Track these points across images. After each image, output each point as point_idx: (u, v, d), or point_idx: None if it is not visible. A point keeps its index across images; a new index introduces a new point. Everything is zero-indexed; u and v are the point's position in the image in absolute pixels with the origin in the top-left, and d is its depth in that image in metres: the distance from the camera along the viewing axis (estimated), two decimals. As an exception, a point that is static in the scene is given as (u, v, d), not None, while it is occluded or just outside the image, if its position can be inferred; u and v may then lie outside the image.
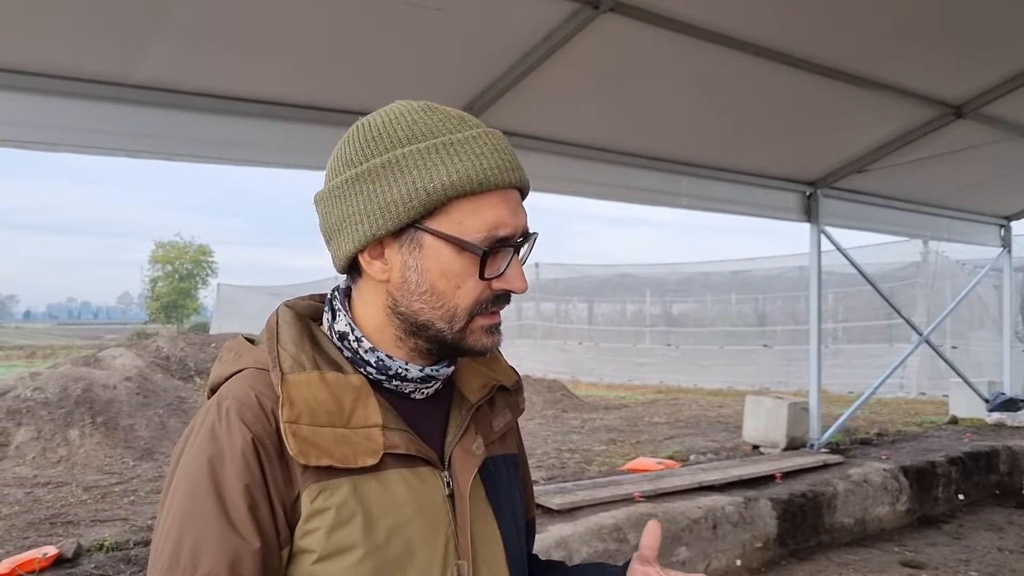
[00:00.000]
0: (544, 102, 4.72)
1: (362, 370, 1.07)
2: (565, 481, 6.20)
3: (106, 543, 5.00)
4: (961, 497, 7.35)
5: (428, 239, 1.01)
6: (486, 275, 1.02)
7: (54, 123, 3.68)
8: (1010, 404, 9.62)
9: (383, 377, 1.08)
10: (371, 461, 1.00)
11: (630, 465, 7.08)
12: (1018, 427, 9.35)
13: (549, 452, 8.43)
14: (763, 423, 7.83)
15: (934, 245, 14.90)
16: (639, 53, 4.50)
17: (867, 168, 6.85)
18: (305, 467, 0.97)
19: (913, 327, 9.37)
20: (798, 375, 14.55)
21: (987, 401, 9.78)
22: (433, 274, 1.02)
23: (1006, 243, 9.58)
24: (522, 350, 21.54)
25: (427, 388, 1.11)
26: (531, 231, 1.07)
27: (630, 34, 4.23)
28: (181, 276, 44.84)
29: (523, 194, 1.07)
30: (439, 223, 1.00)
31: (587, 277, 23.72)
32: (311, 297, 1.19)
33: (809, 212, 7.30)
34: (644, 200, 6.26)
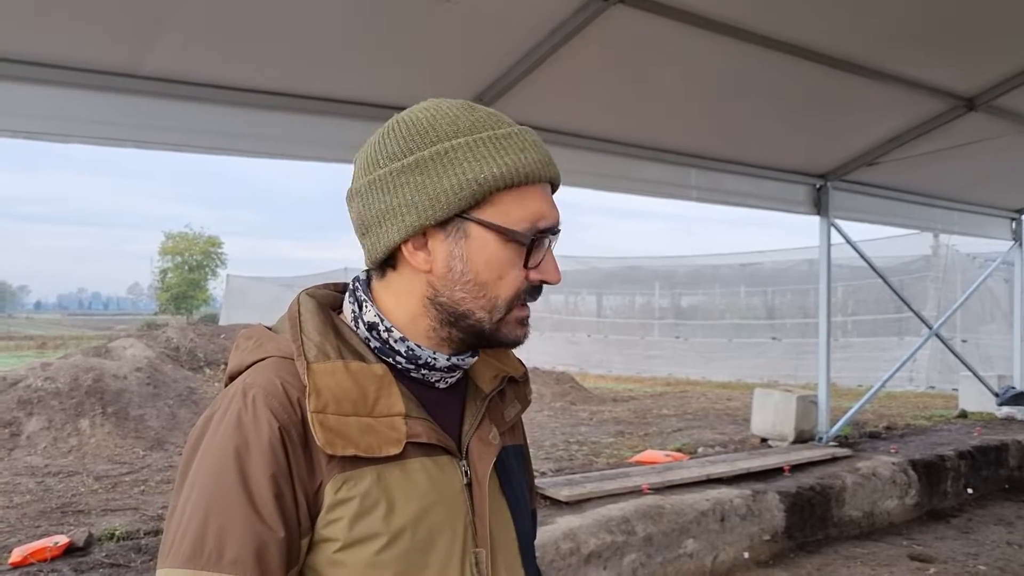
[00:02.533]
0: (553, 94, 4.71)
1: (389, 359, 1.09)
2: (573, 473, 6.21)
3: (117, 532, 5.03)
4: (970, 491, 7.33)
5: (475, 229, 1.04)
6: (529, 264, 1.06)
7: (65, 114, 3.70)
8: (1020, 398, 9.58)
9: (412, 366, 1.10)
10: (395, 450, 1.01)
11: (638, 457, 7.08)
12: (1028, 421, 9.31)
13: (557, 444, 8.44)
14: (771, 416, 7.82)
15: (945, 238, 14.85)
16: (648, 45, 4.49)
17: (878, 161, 6.82)
18: (330, 457, 0.99)
19: (923, 320, 9.33)
20: (807, 368, 14.53)
21: (997, 395, 9.74)
22: (478, 264, 1.04)
23: (1017, 236, 9.53)
24: (530, 342, 21.22)
25: (451, 377, 1.14)
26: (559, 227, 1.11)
27: (639, 26, 4.22)
28: (191, 267, 44.97)
29: (554, 189, 1.11)
30: (485, 214, 1.03)
31: (596, 269, 23.71)
32: (329, 286, 1.21)
33: (819, 205, 7.27)
34: (653, 192, 6.25)
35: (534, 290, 1.09)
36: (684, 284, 21.82)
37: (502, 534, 1.13)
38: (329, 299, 1.17)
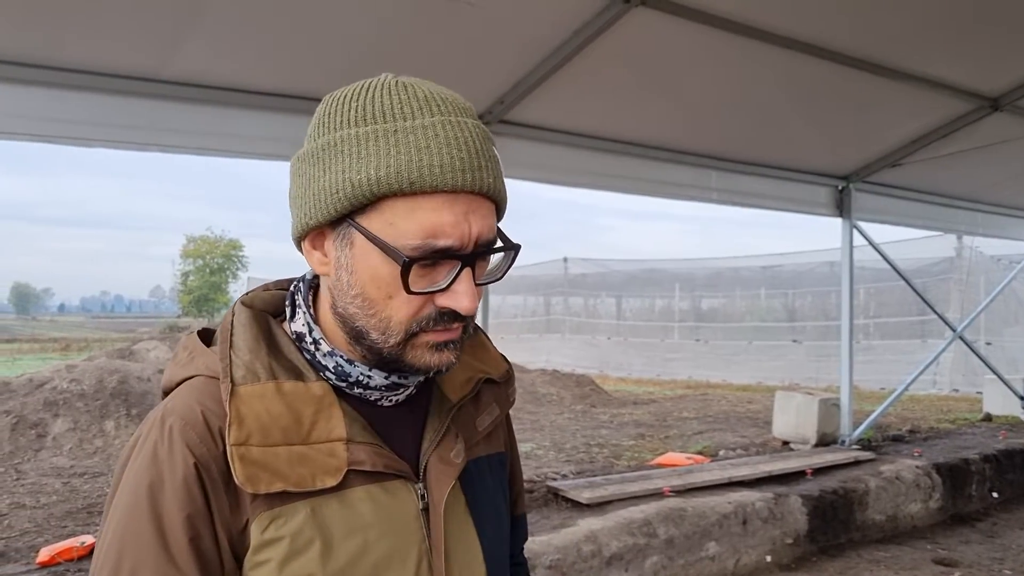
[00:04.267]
0: (575, 96, 4.71)
1: (322, 375, 0.97)
2: (594, 475, 6.20)
3: (141, 532, 5.08)
4: (995, 495, 7.25)
5: (359, 237, 0.89)
6: (414, 288, 0.88)
7: (89, 119, 3.74)
8: (1046, 401, 9.49)
9: (343, 384, 0.97)
10: (332, 482, 0.90)
11: (659, 460, 7.07)
12: (1054, 425, 9.22)
13: (578, 447, 8.43)
14: (793, 419, 7.78)
15: (968, 240, 14.73)
16: (670, 47, 4.49)
17: (901, 162, 6.77)
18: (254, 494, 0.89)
19: (947, 323, 9.25)
20: (828, 371, 14.44)
21: (1022, 398, 9.64)
22: (363, 277, 0.90)
23: (1043, 238, 9.44)
24: (551, 344, 21.56)
25: (396, 395, 1.01)
26: (508, 242, 0.94)
27: (661, 27, 4.22)
28: (212, 270, 45.31)
29: (494, 200, 0.92)
30: (370, 221, 0.88)
31: (615, 272, 23.68)
32: (277, 285, 1.08)
33: (841, 207, 7.23)
34: (674, 195, 6.24)
35: (444, 315, 0.91)
36: (704, 286, 21.74)
37: (464, 562, 1.01)
38: (274, 303, 1.04)
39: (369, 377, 0.97)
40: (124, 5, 3.36)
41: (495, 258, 0.96)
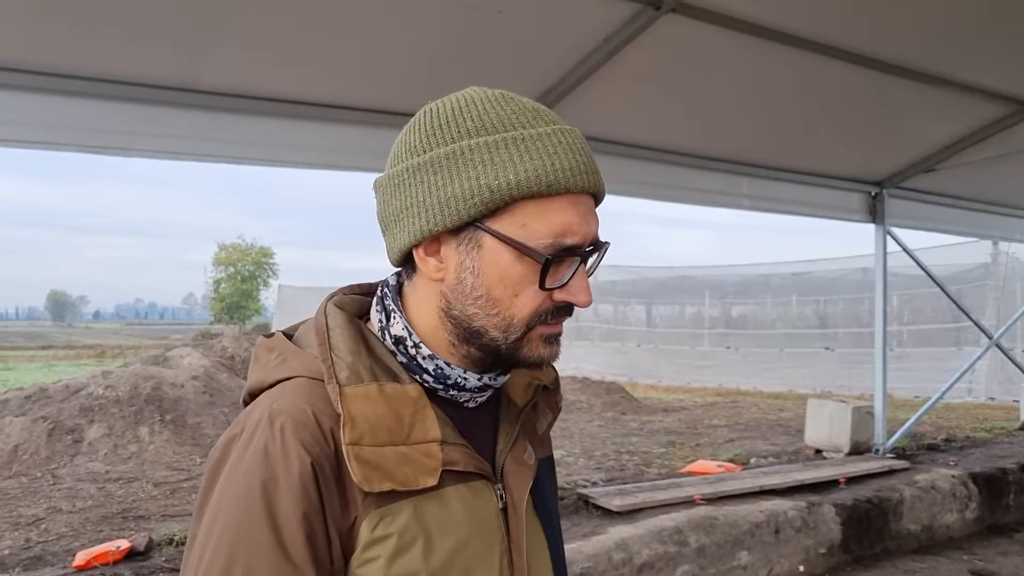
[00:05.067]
0: (605, 104, 4.71)
1: (417, 377, 1.00)
2: (625, 483, 6.18)
3: (175, 538, 5.13)
4: (1034, 505, 7.13)
5: (488, 240, 0.93)
6: (547, 285, 0.93)
7: (128, 128, 3.80)
8: (1086, 410, 9.31)
9: (440, 386, 1.01)
10: (431, 482, 0.93)
11: (690, 468, 7.02)
12: (1094, 434, 9.04)
13: (608, 454, 8.41)
14: (826, 427, 7.70)
15: (1004, 246, 14.50)
16: (701, 53, 4.47)
17: (935, 167, 6.69)
18: (366, 492, 0.91)
19: (983, 330, 9.11)
20: (861, 379, 14.27)
21: (1061, 407, 9.48)
22: (490, 279, 0.94)
23: (1081, 244, 9.28)
24: (580, 352, 21.50)
25: (481, 397, 1.05)
26: (602, 240, 0.99)
27: (692, 34, 4.21)
28: (243, 277, 45.73)
29: (597, 200, 0.98)
30: (501, 224, 0.92)
31: (645, 279, 23.60)
32: (357, 288, 1.11)
33: (874, 213, 7.15)
34: (705, 201, 6.22)
35: (560, 309, 0.97)
36: (734, 293, 21.60)
37: (538, 560, 1.06)
38: (356, 306, 1.08)
39: (465, 379, 1.01)
40: (161, 17, 3.42)
41: (593, 256, 1.00)
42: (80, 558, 4.53)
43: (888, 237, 7.27)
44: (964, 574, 5.55)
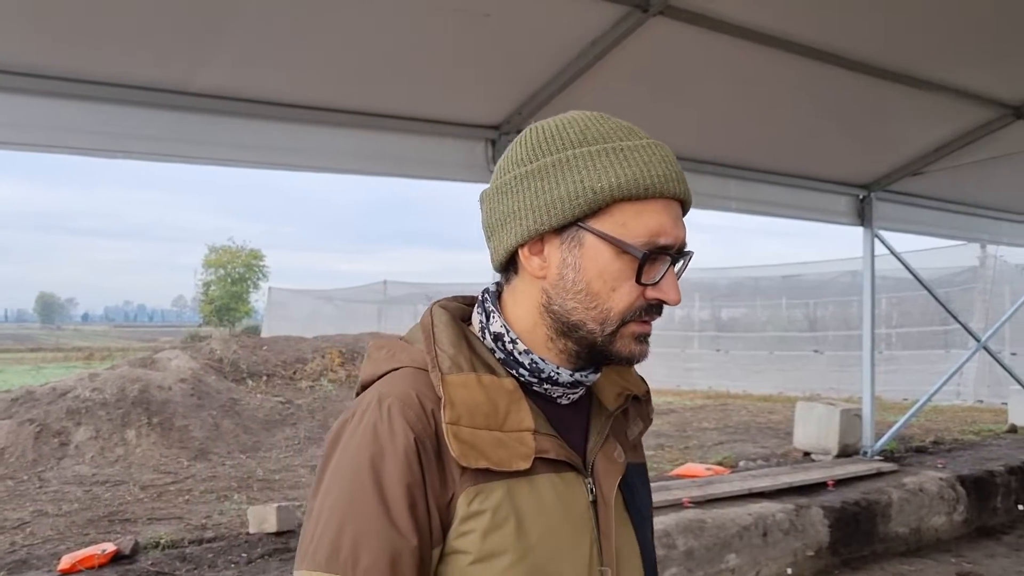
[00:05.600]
0: (593, 106, 4.64)
1: (513, 372, 1.08)
2: (613, 486, 6.18)
3: (162, 541, 5.11)
4: (1021, 508, 7.16)
5: (589, 238, 1.02)
6: (643, 280, 1.02)
7: (118, 130, 3.78)
8: (1072, 412, 9.36)
9: (534, 380, 1.09)
10: (524, 465, 1.01)
11: (679, 471, 7.03)
12: (1081, 436, 9.09)
13: (597, 457, 8.40)
14: (815, 430, 7.72)
15: (992, 249, 14.57)
16: (688, 56, 4.48)
17: (923, 171, 6.72)
18: (463, 469, 0.99)
19: (970, 333, 9.15)
20: (849, 381, 14.31)
21: (1048, 409, 9.53)
22: (590, 273, 1.03)
23: (1068, 247, 9.34)
24: (569, 354, 21.42)
25: (574, 394, 1.12)
26: (688, 249, 1.08)
27: (679, 37, 4.21)
28: (233, 280, 45.49)
29: (684, 210, 1.09)
30: (602, 223, 1.02)
31: (635, 281, 23.53)
32: (458, 299, 1.21)
33: (863, 216, 7.18)
34: (693, 203, 6.21)
35: (651, 307, 1.06)
36: (724, 296, 21.63)
37: (627, 553, 1.12)
38: (459, 311, 1.17)
39: (558, 374, 1.09)
40: (151, 19, 3.40)
41: (679, 262, 1.09)
42: (65, 562, 4.50)
43: (876, 240, 7.30)
44: (952, 576, 5.58)
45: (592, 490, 1.08)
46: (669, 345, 21.37)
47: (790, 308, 20.69)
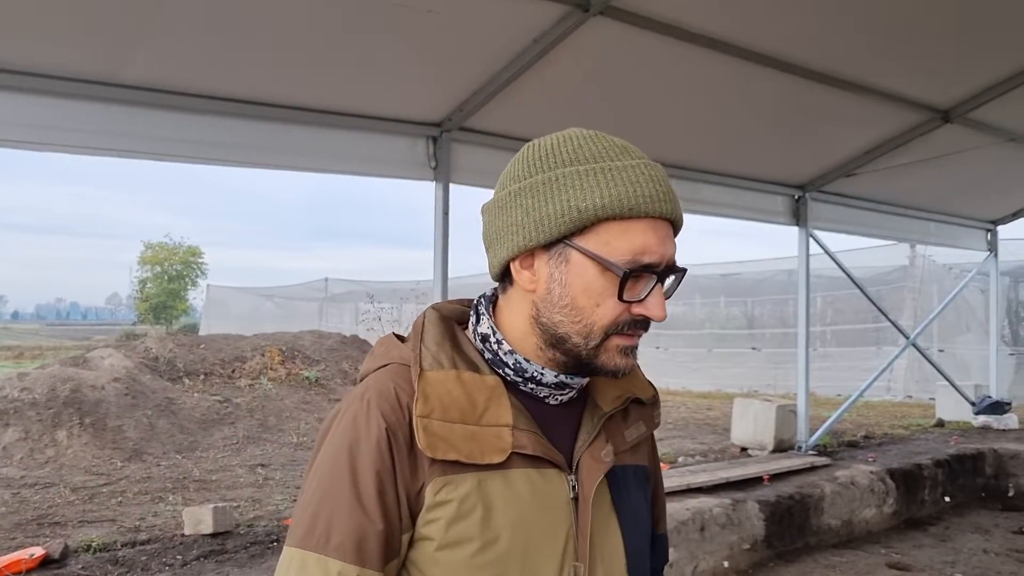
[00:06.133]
0: (535, 104, 4.73)
1: (500, 371, 1.13)
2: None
3: (94, 544, 4.98)
4: (947, 499, 7.40)
5: (575, 255, 1.05)
6: (625, 297, 1.05)
7: (43, 123, 3.68)
8: (996, 407, 9.69)
9: (519, 379, 1.13)
10: (498, 459, 1.05)
11: (619, 467, 7.08)
12: (1004, 430, 9.41)
13: (538, 454, 8.43)
14: (751, 425, 7.86)
15: (921, 249, 14.98)
16: (629, 56, 4.52)
17: (855, 172, 6.89)
18: (432, 460, 1.04)
19: (900, 330, 9.42)
20: (786, 378, 14.60)
21: (973, 404, 9.85)
22: (575, 289, 1.06)
23: (992, 247, 9.65)
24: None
25: (561, 395, 1.15)
26: (679, 266, 1.11)
27: (620, 37, 4.25)
28: (170, 277, 44.56)
29: (676, 228, 1.11)
30: (587, 241, 1.05)
31: (577, 279, 23.65)
32: (459, 301, 1.25)
33: (798, 215, 7.33)
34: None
35: (637, 322, 1.09)
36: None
37: (607, 550, 1.14)
38: (456, 313, 1.21)
39: (542, 374, 1.12)
40: (79, 7, 3.31)
41: (670, 279, 1.12)
42: (-9, 567, 4.36)
43: (811, 239, 7.46)
44: (881, 567, 5.73)
45: (574, 487, 1.11)
46: (610, 343, 21.54)
47: (728, 306, 21.01)
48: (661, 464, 1.39)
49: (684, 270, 1.12)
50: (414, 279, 20.99)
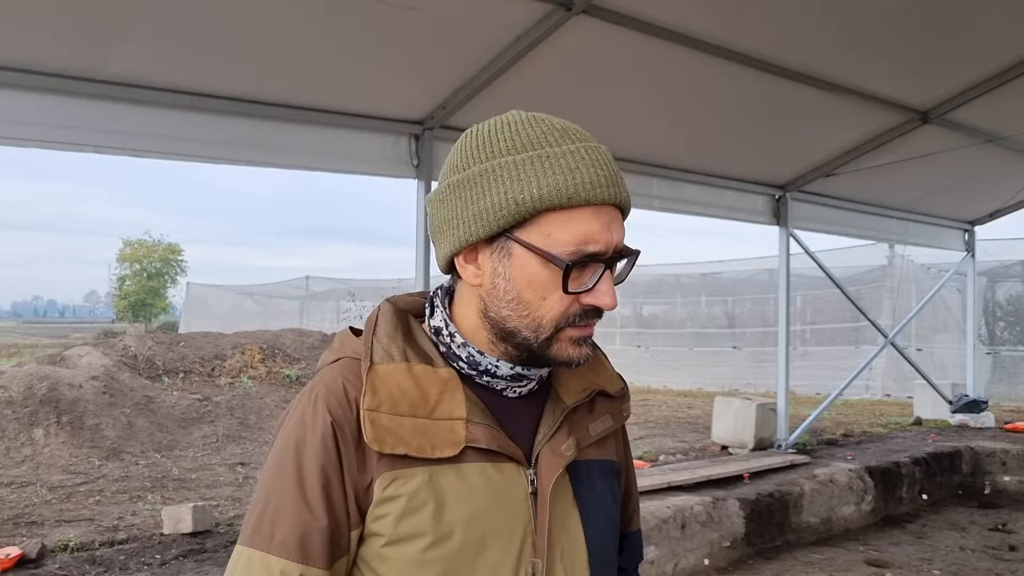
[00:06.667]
0: (517, 103, 4.67)
1: (454, 364, 1.10)
2: (535, 481, 6.21)
3: (71, 543, 4.94)
4: (925, 497, 7.46)
5: (517, 248, 1.02)
6: (570, 289, 1.02)
7: (23, 118, 3.64)
8: (973, 406, 9.78)
9: (473, 372, 1.10)
10: (450, 452, 1.02)
11: (600, 465, 7.09)
12: (980, 428, 9.51)
13: (520, 452, 8.43)
14: (732, 424, 7.89)
15: (900, 249, 15.09)
16: (612, 55, 4.53)
17: (835, 172, 6.93)
18: (381, 455, 1.01)
19: (879, 329, 9.49)
20: (767, 376, 14.67)
21: (950, 403, 9.93)
22: (520, 283, 1.03)
23: (970, 247, 9.74)
24: (493, 351, 21.44)
25: (519, 387, 1.12)
26: (631, 248, 1.07)
27: (603, 36, 4.26)
28: (149, 275, 44.18)
29: (623, 212, 1.06)
30: (528, 234, 1.01)
31: (558, 278, 23.64)
32: (418, 294, 1.22)
33: (778, 215, 7.37)
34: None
35: (588, 312, 1.05)
36: (645, 293, 21.93)
37: (567, 546, 1.10)
38: (412, 306, 1.19)
39: (497, 367, 1.09)
40: (59, 4, 3.28)
41: (621, 263, 1.08)
42: (-34, 567, 4.31)
43: (791, 239, 7.50)
44: (860, 564, 5.77)
45: (533, 481, 1.08)
46: (592, 341, 21.56)
47: (709, 305, 21.10)
48: (642, 462, 1.38)
49: (637, 252, 1.07)
50: (396, 277, 20.92)
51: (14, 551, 4.54)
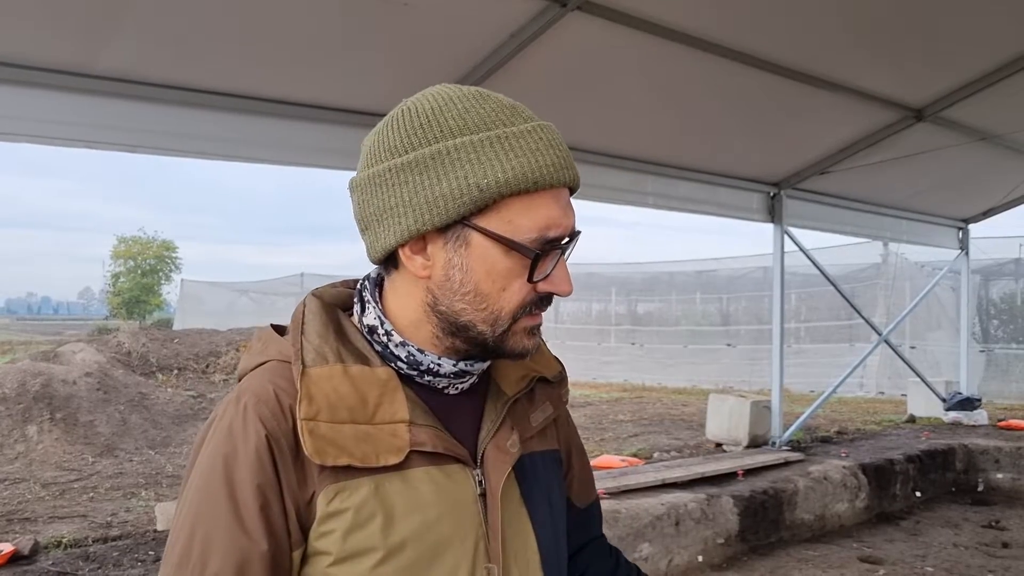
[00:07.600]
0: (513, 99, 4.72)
1: (392, 364, 1.02)
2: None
3: (64, 540, 4.93)
4: (918, 494, 7.48)
5: (476, 237, 0.95)
6: (535, 278, 0.97)
7: (14, 113, 3.62)
8: (966, 403, 9.80)
9: (414, 372, 1.03)
10: (394, 460, 0.95)
11: (594, 463, 7.11)
12: (974, 426, 9.53)
13: (514, 449, 8.43)
14: (726, 421, 7.90)
15: (894, 247, 15.12)
16: (606, 52, 4.53)
17: (829, 170, 6.94)
18: (322, 467, 0.93)
19: (873, 327, 9.51)
20: (761, 374, 14.70)
21: (944, 400, 9.95)
22: (479, 274, 0.96)
23: (964, 245, 9.76)
24: (488, 348, 21.43)
25: (461, 383, 1.06)
26: (576, 230, 1.02)
27: (597, 33, 4.25)
28: (144, 272, 44.12)
29: (572, 192, 1.01)
30: (489, 221, 0.94)
31: (553, 276, 23.64)
32: (343, 284, 1.13)
33: (773, 213, 7.37)
34: (611, 199, 6.29)
35: (542, 300, 1.01)
36: (640, 291, 21.95)
37: (520, 548, 1.05)
38: (341, 298, 1.10)
39: (439, 365, 1.03)
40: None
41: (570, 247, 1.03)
42: (-41, 564, 4.30)
43: (786, 236, 7.50)
44: (854, 561, 5.78)
45: (481, 482, 1.02)
46: (586, 339, 21.62)
47: (704, 303, 21.14)
48: (636, 459, 1.37)
49: (579, 232, 1.02)
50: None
51: (7, 547, 4.53)
